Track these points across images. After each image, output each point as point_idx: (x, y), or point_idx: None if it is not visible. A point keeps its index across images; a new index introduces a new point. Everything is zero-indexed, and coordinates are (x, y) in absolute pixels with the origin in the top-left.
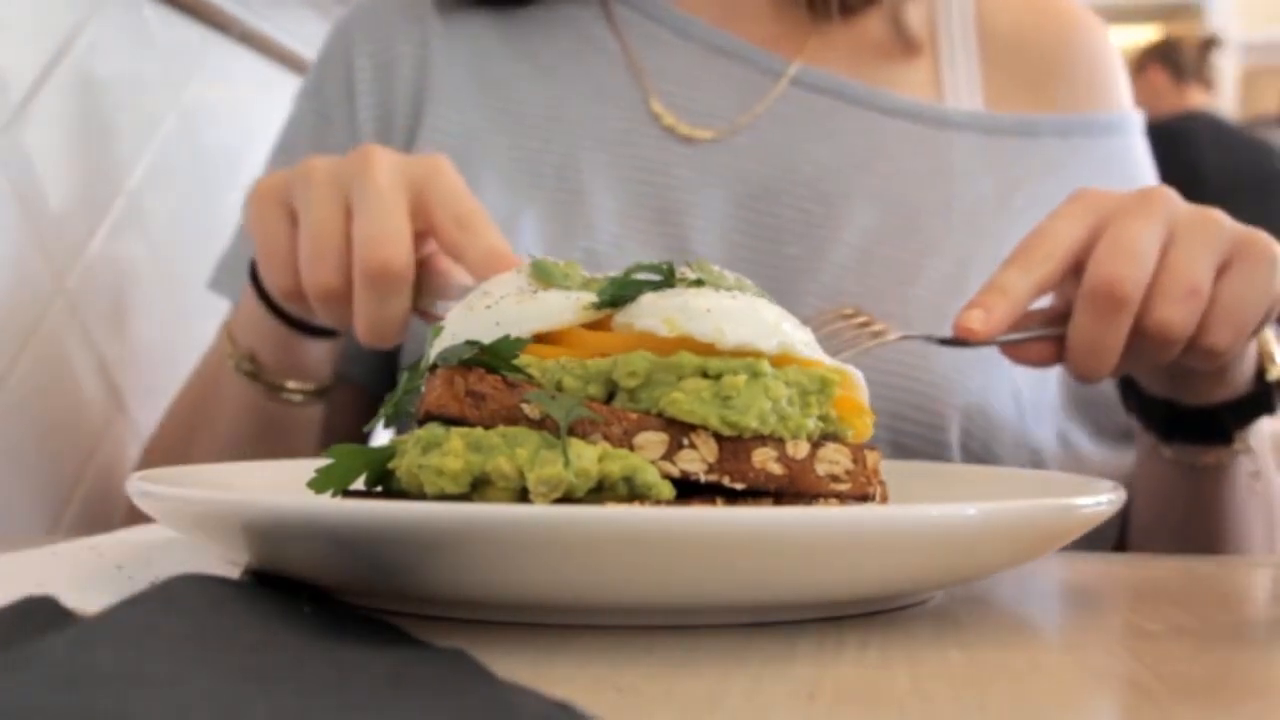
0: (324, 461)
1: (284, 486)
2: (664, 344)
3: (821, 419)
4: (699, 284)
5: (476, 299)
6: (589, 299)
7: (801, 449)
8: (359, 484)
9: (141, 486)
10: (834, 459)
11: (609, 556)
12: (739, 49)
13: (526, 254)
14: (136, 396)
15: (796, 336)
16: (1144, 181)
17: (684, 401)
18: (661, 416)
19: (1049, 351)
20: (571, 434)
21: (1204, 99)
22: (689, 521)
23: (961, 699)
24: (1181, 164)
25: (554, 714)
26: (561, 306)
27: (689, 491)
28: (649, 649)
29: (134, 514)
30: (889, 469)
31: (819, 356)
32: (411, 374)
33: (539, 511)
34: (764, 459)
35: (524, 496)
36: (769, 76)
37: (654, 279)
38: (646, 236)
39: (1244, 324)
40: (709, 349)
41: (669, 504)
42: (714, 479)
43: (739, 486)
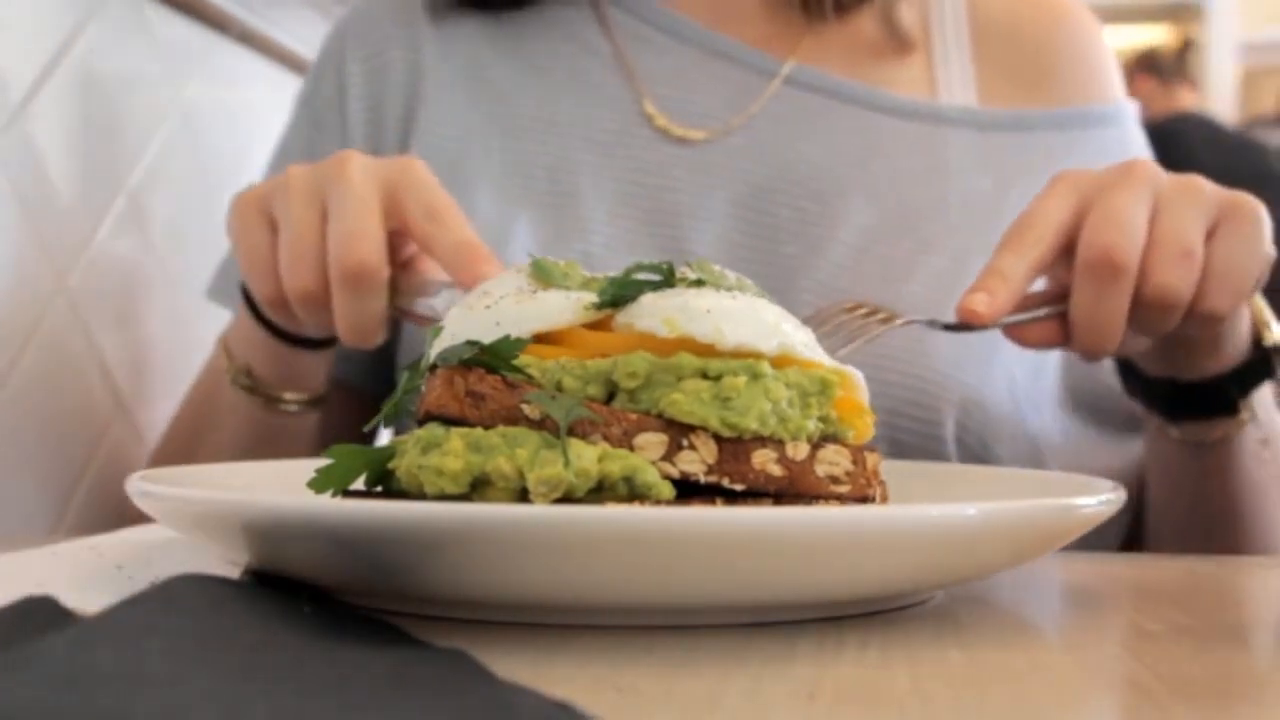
0: (324, 461)
1: (284, 487)
2: (664, 345)
3: (822, 420)
4: (699, 284)
5: (476, 299)
6: (589, 299)
7: (801, 450)
8: (359, 484)
9: (141, 486)
10: (834, 460)
11: (609, 556)
12: (732, 49)
13: (528, 254)
14: (137, 396)
15: (797, 337)
16: None
17: (684, 402)
18: (661, 417)
19: (1053, 331)
20: (571, 434)
21: (1193, 99)
22: (689, 521)
23: (961, 699)
24: (1174, 165)
25: (554, 714)
26: (561, 307)
27: (689, 492)
28: (649, 649)
29: (134, 514)
30: (888, 469)
31: (819, 358)
32: (411, 374)
33: (539, 511)
34: (764, 460)
35: (524, 496)
36: (762, 76)
37: (654, 279)
38: (640, 238)
39: (1239, 284)
40: (709, 350)
41: (669, 504)
42: (714, 480)
43: (739, 488)
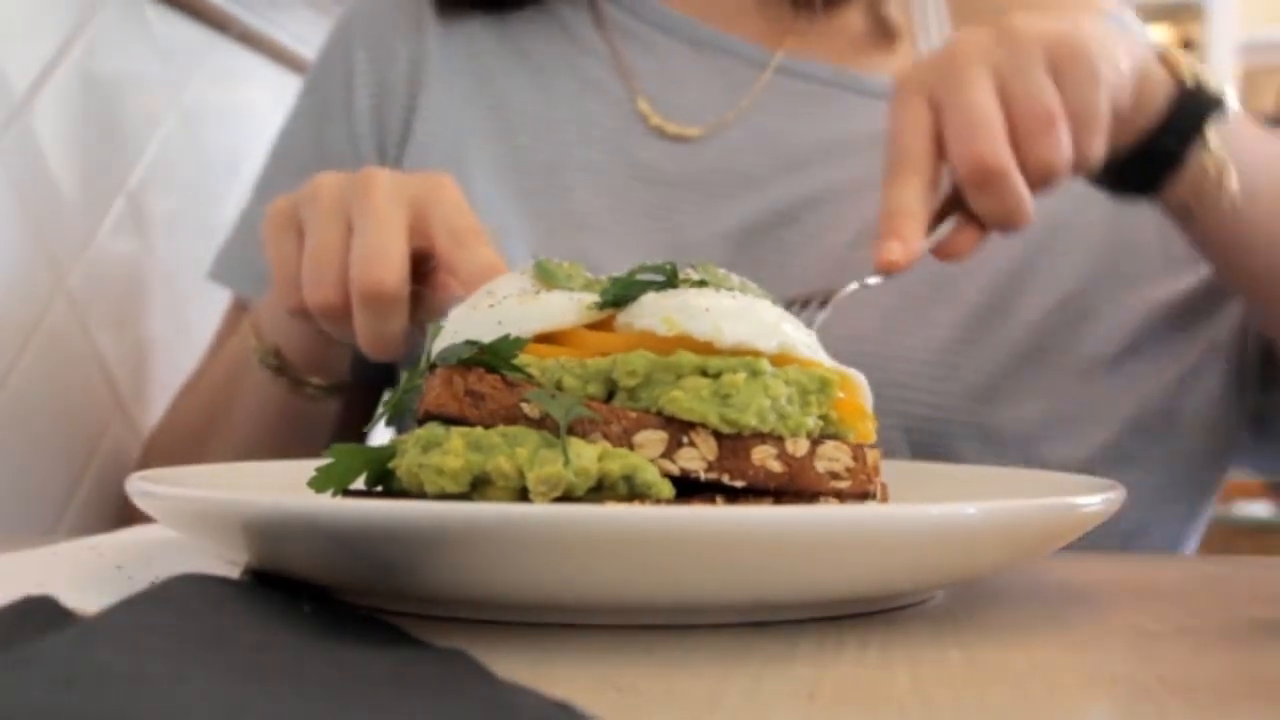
0: (324, 461)
1: (284, 486)
2: (663, 343)
3: (822, 419)
4: (702, 285)
5: (480, 299)
6: (591, 299)
7: (801, 446)
8: (359, 484)
9: (141, 486)
10: (834, 456)
11: (609, 556)
12: (723, 43)
13: (529, 255)
14: (137, 396)
15: (797, 337)
16: None
17: (683, 399)
18: (661, 415)
19: (973, 234)
20: (571, 433)
21: None
22: (689, 521)
23: (961, 699)
24: None
25: (554, 714)
26: (564, 307)
27: (689, 490)
28: (649, 649)
29: (134, 513)
30: (888, 469)
31: (820, 358)
32: (411, 373)
33: (539, 511)
34: (763, 456)
35: (524, 496)
36: (754, 68)
37: (656, 279)
38: (636, 233)
39: (1099, 123)
40: (708, 348)
41: (669, 503)
42: (714, 477)
43: (739, 484)
